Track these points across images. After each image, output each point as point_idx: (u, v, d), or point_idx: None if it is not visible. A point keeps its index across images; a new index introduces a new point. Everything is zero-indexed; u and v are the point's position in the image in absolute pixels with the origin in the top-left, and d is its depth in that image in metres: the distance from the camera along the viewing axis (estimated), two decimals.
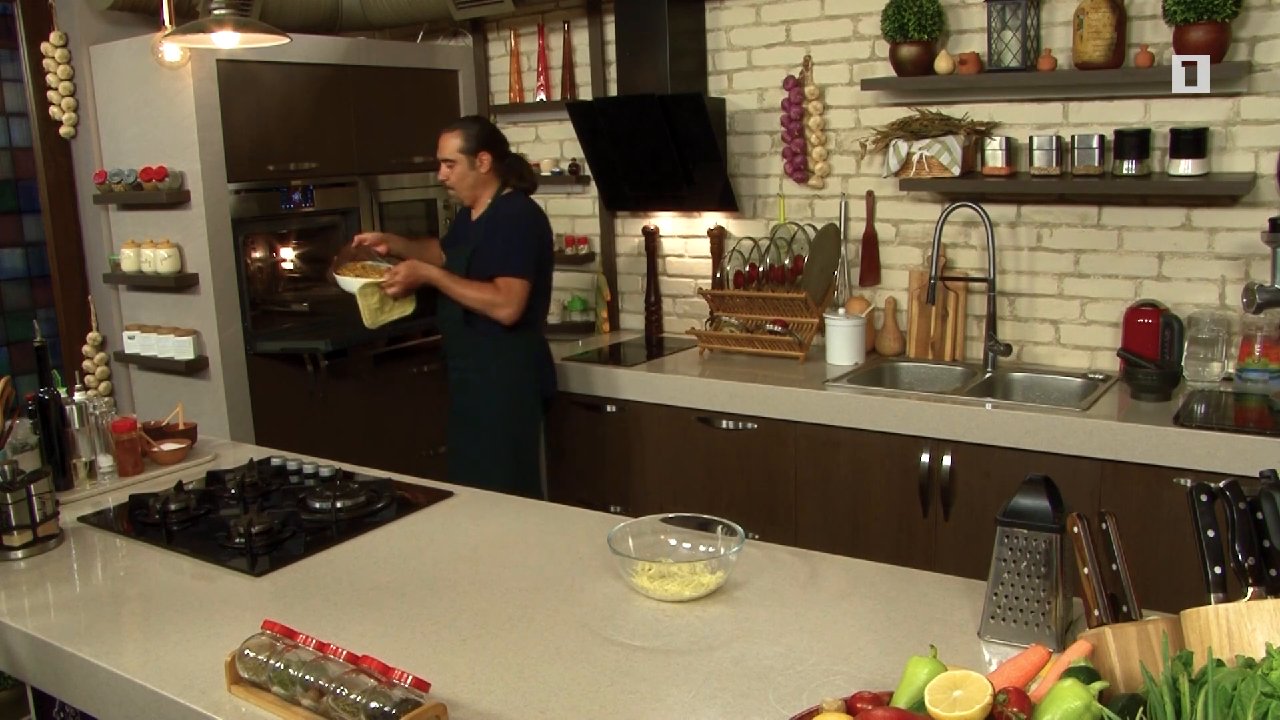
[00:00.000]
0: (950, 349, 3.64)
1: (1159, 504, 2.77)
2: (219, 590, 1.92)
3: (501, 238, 3.39)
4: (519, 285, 3.36)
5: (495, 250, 3.37)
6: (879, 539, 3.24)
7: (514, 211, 3.46)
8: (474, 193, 3.46)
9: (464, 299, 3.38)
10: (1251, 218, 3.13)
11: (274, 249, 4.26)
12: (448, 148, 3.41)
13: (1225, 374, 3.15)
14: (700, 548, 1.93)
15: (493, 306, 3.35)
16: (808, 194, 3.94)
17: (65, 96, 3.94)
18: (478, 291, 3.37)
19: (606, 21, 4.27)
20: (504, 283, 3.35)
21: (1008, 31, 3.30)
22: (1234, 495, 1.36)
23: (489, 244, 3.40)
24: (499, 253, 3.37)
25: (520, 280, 3.37)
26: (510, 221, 3.43)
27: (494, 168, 3.43)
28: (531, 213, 3.49)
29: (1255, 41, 3.05)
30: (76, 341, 4.11)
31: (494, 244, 3.38)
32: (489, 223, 3.43)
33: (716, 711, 1.42)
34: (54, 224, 4.05)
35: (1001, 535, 1.57)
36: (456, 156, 3.40)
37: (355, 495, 2.29)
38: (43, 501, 2.11)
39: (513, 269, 3.36)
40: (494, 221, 3.43)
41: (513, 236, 3.40)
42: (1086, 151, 3.21)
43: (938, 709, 1.19)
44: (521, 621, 1.72)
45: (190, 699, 1.50)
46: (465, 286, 3.37)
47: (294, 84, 3.91)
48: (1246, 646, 1.23)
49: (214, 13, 2.82)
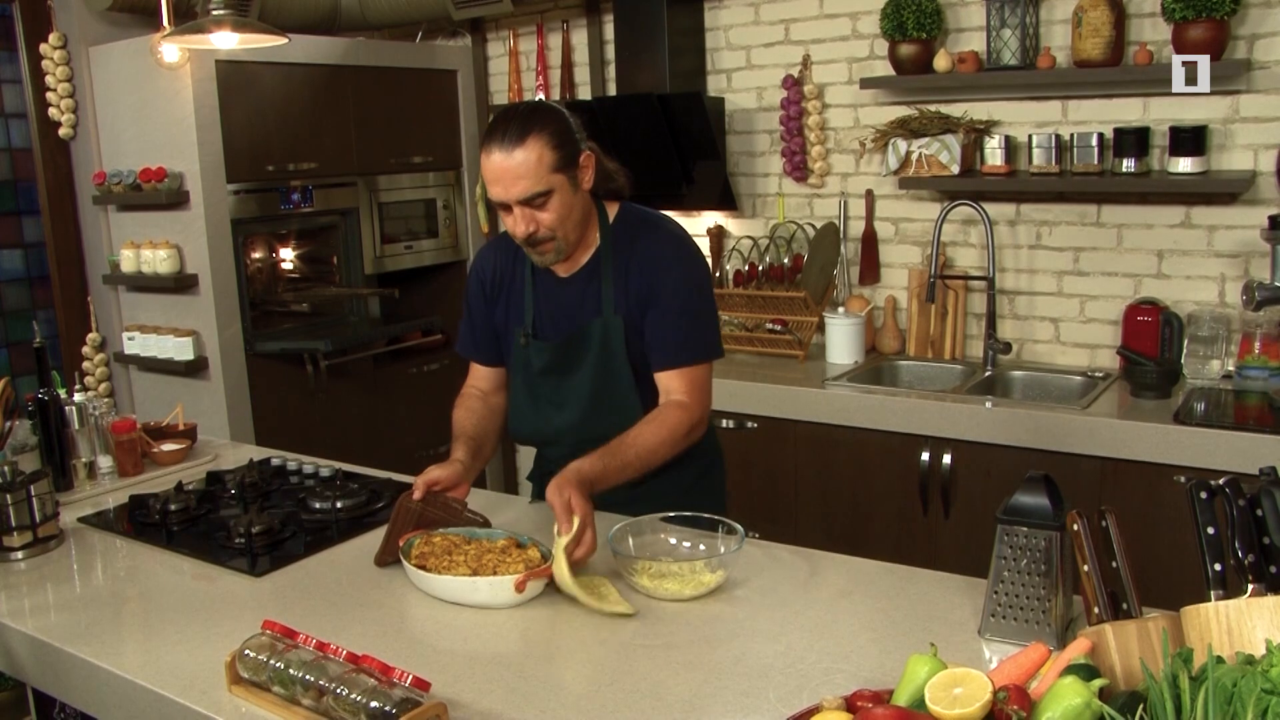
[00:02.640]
0: (950, 347, 3.64)
1: (1159, 501, 2.77)
2: (219, 590, 1.92)
3: (671, 292, 2.09)
4: (708, 373, 2.15)
5: (667, 318, 2.09)
6: (879, 537, 3.24)
7: (670, 238, 2.16)
8: (582, 231, 2.11)
9: (656, 458, 2.05)
10: (1251, 215, 3.13)
11: (273, 249, 4.26)
12: (531, 172, 1.96)
13: (1225, 371, 3.15)
14: (700, 547, 1.93)
15: (690, 432, 2.10)
16: (807, 193, 3.94)
17: (64, 97, 3.94)
18: (663, 431, 2.05)
19: (605, 21, 4.26)
20: (692, 377, 2.11)
21: (1006, 30, 3.30)
22: (1234, 492, 1.36)
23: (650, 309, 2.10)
24: (673, 322, 2.09)
25: (709, 365, 2.15)
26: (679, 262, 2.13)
27: (596, 170, 2.10)
28: (689, 236, 2.20)
29: (1254, 39, 3.05)
30: (76, 342, 4.11)
31: (662, 309, 2.09)
32: (625, 272, 2.11)
33: (717, 710, 1.42)
34: (53, 225, 4.05)
35: (1001, 533, 1.57)
36: (553, 182, 1.99)
37: (355, 495, 2.29)
38: (43, 502, 2.11)
39: (707, 345, 2.14)
40: (636, 265, 2.11)
41: (689, 289, 2.12)
42: (1085, 150, 3.21)
43: (938, 707, 1.19)
44: (522, 621, 1.72)
45: (191, 699, 1.50)
46: (645, 443, 2.04)
47: (293, 84, 3.90)
48: (1246, 643, 1.23)
49: (213, 13, 2.82)
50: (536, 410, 2.19)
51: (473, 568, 1.78)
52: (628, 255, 2.12)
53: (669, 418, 2.07)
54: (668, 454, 2.07)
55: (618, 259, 2.12)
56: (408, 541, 1.89)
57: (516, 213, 2.00)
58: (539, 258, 2.09)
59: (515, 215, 2.00)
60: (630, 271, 2.11)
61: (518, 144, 1.95)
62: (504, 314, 2.24)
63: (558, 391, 2.18)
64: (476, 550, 1.83)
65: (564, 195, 2.00)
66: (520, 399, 2.24)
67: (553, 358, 2.15)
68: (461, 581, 1.75)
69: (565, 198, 2.01)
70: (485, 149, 1.98)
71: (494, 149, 1.96)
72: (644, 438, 2.04)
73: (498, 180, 1.97)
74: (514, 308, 2.22)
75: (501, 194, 1.98)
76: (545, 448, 2.30)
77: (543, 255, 2.07)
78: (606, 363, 2.12)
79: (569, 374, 2.15)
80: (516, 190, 1.96)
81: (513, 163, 1.94)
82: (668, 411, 2.08)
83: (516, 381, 2.25)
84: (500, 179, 1.97)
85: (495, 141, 1.96)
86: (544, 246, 2.04)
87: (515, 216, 2.00)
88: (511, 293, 2.23)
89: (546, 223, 2.00)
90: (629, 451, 2.01)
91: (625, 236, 2.14)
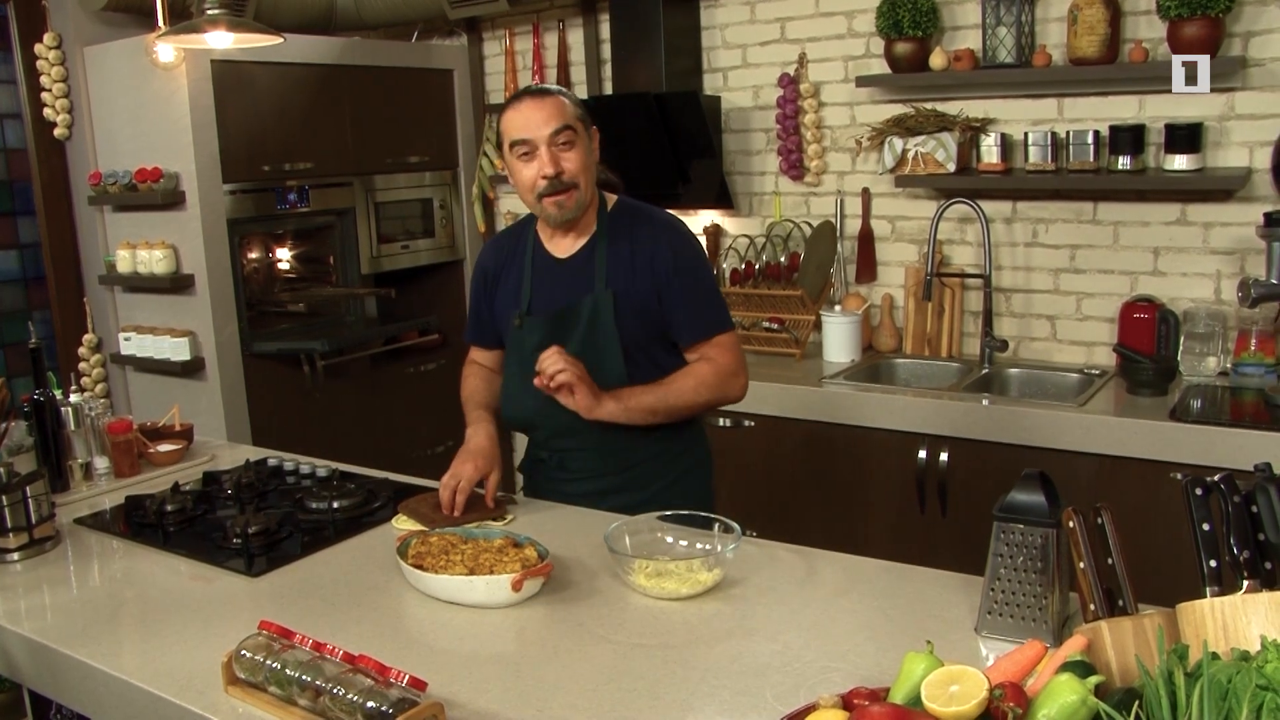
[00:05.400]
0: (947, 345, 3.64)
1: (1155, 499, 2.77)
2: (216, 591, 1.91)
3: (685, 273, 2.19)
4: (733, 339, 2.27)
5: (686, 298, 2.20)
6: (876, 535, 3.24)
7: (672, 222, 2.27)
8: (592, 195, 2.20)
9: (688, 407, 2.20)
10: (1246, 212, 3.13)
11: (270, 249, 4.25)
12: (560, 111, 2.09)
13: (1221, 369, 3.15)
14: (697, 545, 1.93)
15: (722, 384, 2.22)
16: (803, 191, 3.94)
17: (59, 98, 3.93)
18: (690, 378, 2.19)
19: (601, 20, 4.26)
20: (717, 343, 2.23)
21: (1002, 28, 3.30)
22: (1229, 489, 1.36)
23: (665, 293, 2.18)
24: (689, 297, 2.20)
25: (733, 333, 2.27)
26: (686, 245, 2.24)
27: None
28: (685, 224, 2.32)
29: (1249, 36, 3.06)
30: (72, 343, 4.11)
31: (678, 290, 2.19)
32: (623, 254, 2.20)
33: (714, 709, 1.42)
34: (49, 226, 4.04)
35: (998, 531, 1.57)
36: (578, 126, 2.12)
37: (352, 495, 2.29)
38: (38, 503, 2.11)
39: (724, 317, 2.26)
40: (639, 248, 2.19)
41: (699, 265, 2.25)
42: (1081, 147, 3.22)
43: (934, 704, 1.19)
44: (519, 620, 1.72)
45: (187, 700, 1.50)
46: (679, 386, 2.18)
47: (289, 84, 3.90)
48: (1242, 639, 1.24)
49: (208, 13, 2.81)
50: (526, 388, 2.20)
51: (469, 567, 1.78)
52: (627, 238, 2.21)
53: (695, 367, 2.21)
54: (695, 398, 2.19)
55: (614, 241, 2.21)
56: (404, 542, 1.90)
57: (544, 154, 2.09)
58: (557, 211, 2.15)
59: (542, 156, 2.09)
60: (632, 254, 2.20)
61: (545, 94, 2.12)
62: (502, 301, 2.33)
63: None
64: (473, 549, 1.83)
65: (584, 146, 2.13)
66: (513, 381, 2.30)
67: (546, 333, 2.21)
68: (458, 581, 1.75)
69: (585, 149, 2.14)
70: (512, 106, 2.13)
71: (523, 100, 2.11)
72: (673, 380, 2.19)
73: (527, 122, 2.09)
74: (511, 293, 2.31)
75: (532, 132, 2.08)
76: (534, 430, 2.34)
77: (563, 206, 2.14)
78: (595, 336, 2.18)
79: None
80: (548, 127, 2.08)
81: (543, 104, 2.09)
82: (694, 365, 2.22)
83: (511, 364, 2.32)
84: (529, 120, 2.09)
85: (523, 96, 2.12)
86: (567, 195, 2.12)
87: (542, 158, 2.09)
88: (510, 279, 2.32)
89: (571, 166, 2.11)
90: (655, 387, 2.16)
91: (623, 222, 2.24)
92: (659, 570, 1.79)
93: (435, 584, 1.77)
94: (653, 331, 2.22)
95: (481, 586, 1.73)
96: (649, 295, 2.18)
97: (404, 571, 1.83)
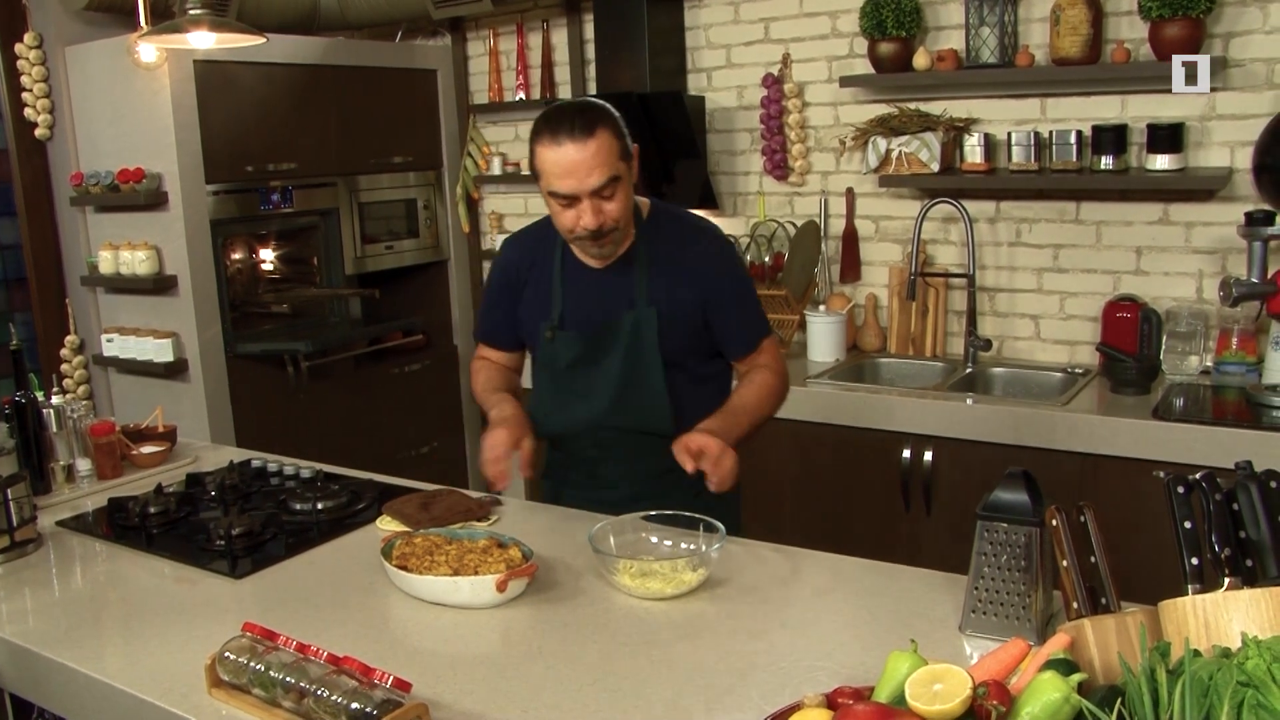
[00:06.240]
0: (931, 345, 3.65)
1: (1138, 497, 2.78)
2: (199, 593, 1.91)
3: (731, 287, 2.16)
4: (776, 343, 2.28)
5: (736, 312, 2.17)
6: (861, 535, 3.25)
7: (715, 234, 2.21)
8: (629, 228, 2.10)
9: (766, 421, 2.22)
10: (1228, 212, 3.15)
11: (253, 250, 4.24)
12: (605, 160, 1.95)
13: (1203, 367, 3.17)
14: (682, 545, 1.93)
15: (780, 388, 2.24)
16: (787, 191, 3.95)
17: (40, 98, 3.91)
18: (753, 387, 2.19)
19: (585, 20, 4.26)
20: (765, 349, 2.23)
21: (985, 28, 3.32)
22: (1210, 487, 1.37)
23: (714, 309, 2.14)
24: (739, 310, 2.18)
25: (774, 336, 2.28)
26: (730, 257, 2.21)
27: None
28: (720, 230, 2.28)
29: (1230, 37, 3.08)
30: (54, 345, 4.08)
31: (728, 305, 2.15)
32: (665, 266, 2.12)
33: (699, 708, 1.42)
34: (30, 227, 4.02)
35: (982, 529, 1.58)
36: (620, 169, 1.99)
37: (336, 496, 2.28)
38: (20, 506, 2.09)
39: (766, 319, 2.26)
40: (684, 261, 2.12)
41: (743, 273, 2.24)
42: (1064, 147, 3.23)
43: (918, 703, 1.19)
44: (503, 621, 1.72)
45: (171, 703, 1.49)
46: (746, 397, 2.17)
47: (272, 84, 3.88)
48: (1223, 636, 1.24)
49: (190, 13, 2.80)
50: (559, 402, 2.18)
51: (454, 568, 1.77)
52: (669, 250, 2.13)
53: (756, 376, 2.19)
54: (765, 406, 2.17)
55: (653, 252, 2.12)
56: (389, 543, 1.89)
57: (586, 205, 1.97)
58: (598, 250, 2.06)
59: (585, 208, 1.97)
60: (675, 266, 2.12)
61: (590, 134, 1.93)
62: (528, 308, 2.22)
63: (585, 382, 2.16)
64: (458, 550, 1.82)
65: (626, 185, 2.01)
66: (544, 394, 2.24)
67: (583, 349, 2.14)
68: (443, 582, 1.74)
69: (626, 187, 2.01)
70: (553, 142, 1.94)
71: (565, 141, 1.93)
72: (742, 394, 2.15)
73: (571, 172, 1.93)
74: (539, 302, 2.20)
75: (575, 186, 1.95)
76: (567, 441, 2.27)
77: (603, 249, 2.06)
78: (638, 354, 2.11)
79: (598, 364, 2.14)
80: (593, 180, 1.94)
81: (587, 153, 1.92)
82: (753, 374, 2.20)
83: (542, 377, 2.24)
84: (574, 171, 1.93)
85: (565, 134, 1.93)
86: (608, 239, 2.03)
87: (584, 209, 1.97)
88: (538, 286, 2.20)
89: (613, 214, 2.00)
90: (735, 408, 2.11)
91: (660, 232, 2.14)
92: (644, 570, 1.79)
93: (420, 585, 1.77)
94: (695, 344, 2.17)
95: (466, 587, 1.73)
96: (694, 309, 2.12)
97: (388, 573, 1.82)
